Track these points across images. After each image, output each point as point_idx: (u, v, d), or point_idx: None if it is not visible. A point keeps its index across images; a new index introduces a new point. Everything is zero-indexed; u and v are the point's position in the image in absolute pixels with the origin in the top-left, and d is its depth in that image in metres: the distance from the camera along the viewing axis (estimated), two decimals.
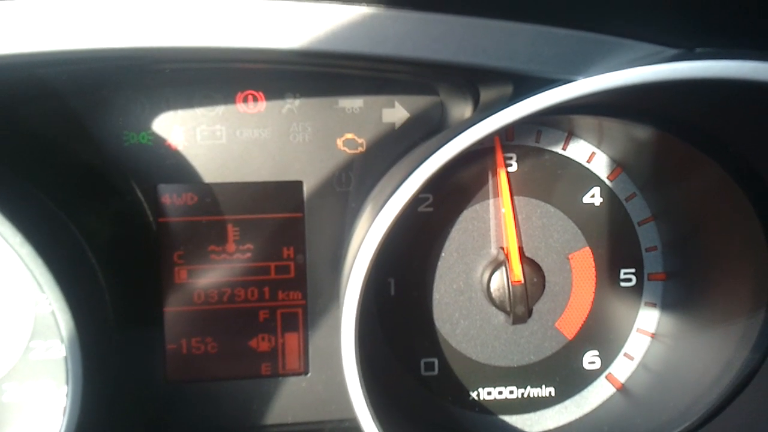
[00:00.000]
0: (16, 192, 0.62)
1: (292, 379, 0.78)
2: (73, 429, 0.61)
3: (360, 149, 0.77)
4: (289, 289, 0.77)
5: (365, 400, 0.62)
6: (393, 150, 0.76)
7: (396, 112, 0.76)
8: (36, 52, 0.57)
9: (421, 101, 0.76)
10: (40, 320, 0.72)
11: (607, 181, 0.77)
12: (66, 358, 0.59)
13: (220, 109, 0.75)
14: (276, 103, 0.75)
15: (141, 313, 0.75)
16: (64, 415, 0.61)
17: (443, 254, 0.76)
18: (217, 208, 0.76)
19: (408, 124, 0.76)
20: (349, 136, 0.76)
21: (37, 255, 0.56)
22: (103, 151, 0.73)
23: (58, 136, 0.72)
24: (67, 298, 0.58)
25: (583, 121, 0.74)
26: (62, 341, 0.71)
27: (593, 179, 0.76)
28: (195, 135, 0.75)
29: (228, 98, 0.75)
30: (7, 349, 0.72)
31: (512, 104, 0.52)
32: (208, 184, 0.75)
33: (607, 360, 0.79)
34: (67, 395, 0.60)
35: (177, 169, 0.75)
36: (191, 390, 0.77)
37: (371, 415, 0.62)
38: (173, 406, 0.77)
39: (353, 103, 0.76)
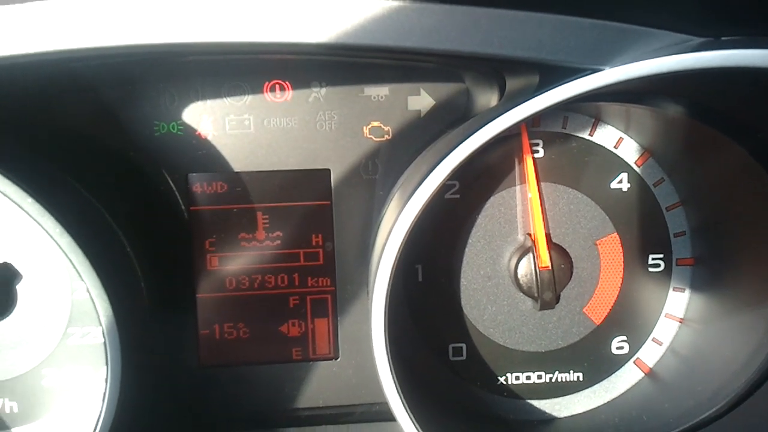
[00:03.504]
0: (54, 183, 0.63)
1: (323, 364, 0.80)
2: (112, 413, 0.63)
3: (386, 137, 0.77)
4: (318, 275, 0.79)
5: (395, 384, 0.63)
6: (419, 137, 0.76)
7: (421, 99, 0.77)
8: (71, 49, 0.58)
9: (446, 89, 0.76)
10: (76, 307, 0.74)
11: (634, 167, 0.76)
12: (104, 343, 0.61)
13: (247, 99, 0.76)
14: (302, 92, 0.76)
15: (175, 299, 0.77)
16: (103, 399, 0.63)
17: (470, 240, 0.76)
18: (247, 197, 0.77)
19: (433, 112, 0.77)
20: (375, 123, 0.77)
21: (75, 244, 0.58)
22: (134, 141, 0.75)
23: (92, 127, 0.74)
24: (104, 286, 0.59)
25: (611, 107, 0.73)
26: (100, 326, 0.73)
27: (621, 165, 0.76)
28: (224, 124, 0.76)
29: (255, 88, 0.76)
30: (46, 336, 0.75)
31: (539, 94, 0.52)
32: (237, 173, 0.76)
33: (635, 345, 0.79)
34: (106, 380, 0.62)
35: (207, 158, 0.76)
36: (224, 374, 0.79)
37: (401, 399, 0.63)
38: (207, 389, 0.79)
39: (379, 91, 0.77)
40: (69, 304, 0.74)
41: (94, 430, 0.63)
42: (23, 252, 0.73)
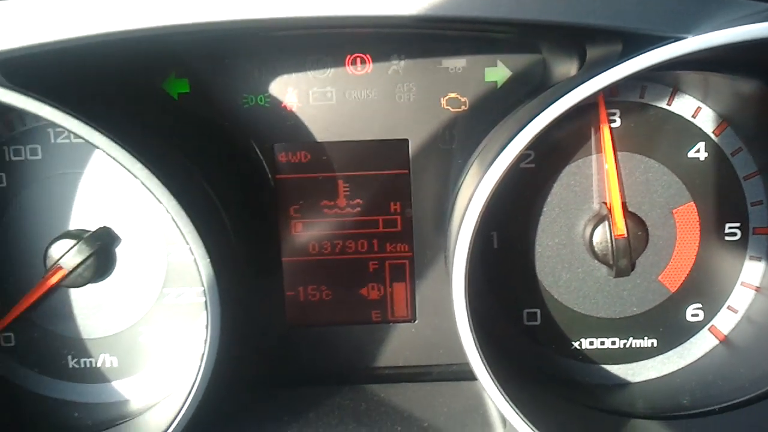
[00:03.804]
0: (158, 150, 0.67)
1: (401, 326, 0.83)
2: (211, 367, 0.67)
3: (463, 108, 0.79)
4: (396, 241, 0.82)
5: (476, 345, 0.65)
6: (495, 108, 0.77)
7: (498, 70, 0.78)
8: (165, 26, 0.62)
9: (523, 59, 0.77)
10: (172, 269, 0.79)
11: (712, 136, 0.76)
12: (205, 302, 0.65)
13: (330, 72, 0.79)
14: (382, 65, 0.78)
15: (263, 262, 0.81)
16: (202, 357, 0.67)
17: (545, 209, 0.77)
18: (329, 165, 0.80)
19: (510, 83, 0.78)
20: (453, 95, 0.79)
21: (180, 208, 0.62)
22: (225, 113, 0.79)
23: (186, 100, 0.78)
24: (206, 247, 0.63)
25: (689, 77, 0.73)
26: (194, 287, 0.78)
27: (698, 134, 0.76)
28: (308, 96, 0.79)
29: (337, 61, 0.78)
30: (143, 295, 0.79)
31: (623, 61, 0.54)
32: (320, 143, 0.80)
33: (710, 313, 0.80)
34: (205, 340, 0.66)
35: (292, 128, 0.79)
36: (309, 333, 0.83)
37: (482, 359, 0.65)
38: (293, 348, 0.83)
39: (456, 63, 0.78)
40: (165, 266, 0.79)
41: (194, 383, 0.68)
42: (122, 217, 0.78)
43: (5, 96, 0.57)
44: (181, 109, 0.79)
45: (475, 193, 0.64)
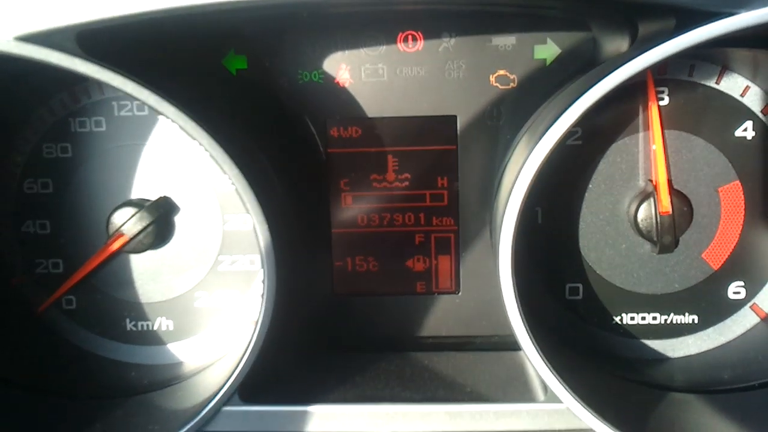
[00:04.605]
0: (221, 122, 0.70)
1: (445, 297, 0.85)
2: (264, 332, 0.70)
3: (511, 85, 0.80)
4: (442, 215, 0.84)
5: (521, 317, 0.67)
6: (544, 85, 0.78)
7: (548, 48, 0.79)
8: (224, 2, 0.64)
9: (572, 37, 0.78)
10: (227, 237, 0.82)
11: (760, 115, 0.77)
12: (263, 268, 0.68)
13: (382, 49, 0.81)
14: (433, 42, 0.80)
15: (313, 233, 0.84)
16: (257, 322, 0.70)
17: (590, 186, 0.79)
18: (379, 141, 0.82)
19: (559, 60, 0.79)
20: (501, 72, 0.80)
21: (242, 176, 0.65)
22: (280, 89, 0.81)
23: (244, 75, 0.81)
24: (265, 215, 0.66)
25: (738, 55, 0.74)
26: (248, 255, 0.82)
27: (746, 113, 0.76)
28: (360, 73, 0.81)
29: (390, 38, 0.80)
30: (199, 262, 0.83)
31: (676, 36, 0.55)
32: (371, 119, 0.82)
33: (752, 290, 0.80)
34: (260, 307, 0.69)
35: (344, 104, 0.81)
36: (355, 303, 0.86)
37: (527, 331, 0.67)
38: (340, 316, 0.86)
39: (506, 41, 0.80)
40: (220, 235, 0.82)
41: (248, 346, 0.70)
42: (181, 187, 0.81)
43: (83, 66, 0.60)
44: (240, 84, 0.81)
45: (522, 168, 0.65)
